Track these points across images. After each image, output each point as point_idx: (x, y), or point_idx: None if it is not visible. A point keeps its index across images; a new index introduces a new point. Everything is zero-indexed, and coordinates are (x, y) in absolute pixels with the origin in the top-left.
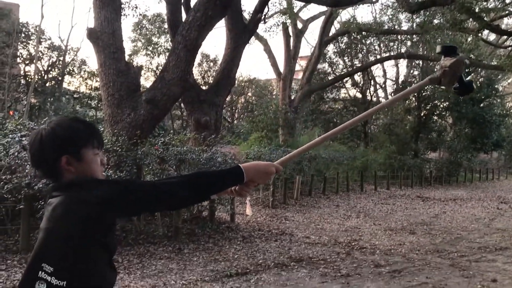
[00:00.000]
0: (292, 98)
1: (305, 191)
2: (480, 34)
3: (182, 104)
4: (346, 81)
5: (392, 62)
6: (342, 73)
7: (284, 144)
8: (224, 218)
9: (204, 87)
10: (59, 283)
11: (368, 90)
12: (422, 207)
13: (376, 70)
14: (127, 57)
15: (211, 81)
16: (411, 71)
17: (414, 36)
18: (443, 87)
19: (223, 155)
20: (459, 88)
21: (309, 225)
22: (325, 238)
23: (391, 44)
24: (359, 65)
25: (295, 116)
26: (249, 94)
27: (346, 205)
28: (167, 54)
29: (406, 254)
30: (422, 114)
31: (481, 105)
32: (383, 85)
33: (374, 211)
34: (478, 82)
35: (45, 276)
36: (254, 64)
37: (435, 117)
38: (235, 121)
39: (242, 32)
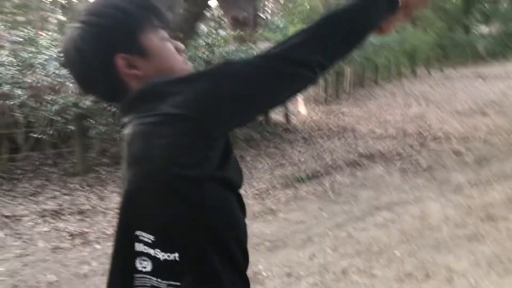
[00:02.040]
0: None
1: (356, 82)
2: None
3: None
4: None
5: None
6: None
7: None
8: (279, 120)
9: None
10: (169, 256)
11: None
12: (484, 86)
13: None
14: None
15: None
16: None
17: None
18: None
19: None
20: None
21: (370, 118)
22: (392, 131)
23: None
24: None
25: (338, 2)
26: None
27: (402, 93)
28: None
29: (487, 139)
30: None
31: None
32: None
33: (434, 96)
34: None
35: (145, 249)
36: None
37: None
38: (269, 17)
39: None
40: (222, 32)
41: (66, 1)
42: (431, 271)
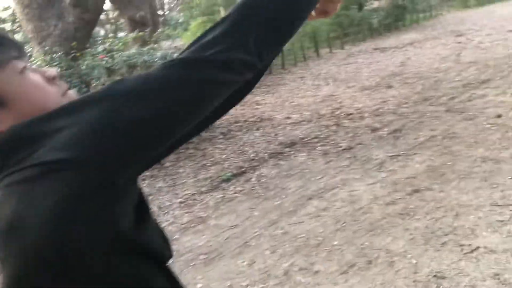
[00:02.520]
0: None
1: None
2: None
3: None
4: None
5: None
6: None
7: None
8: None
9: None
10: None
11: None
12: (384, 58)
13: None
14: None
15: None
16: None
17: None
18: None
19: (177, 50)
20: None
21: (284, 104)
22: (307, 114)
23: None
24: None
25: None
26: None
27: (310, 75)
28: None
29: (396, 110)
30: None
31: None
32: None
33: (340, 74)
34: None
35: None
36: None
37: None
38: (166, 12)
39: None
40: (121, 35)
41: None
42: (372, 257)
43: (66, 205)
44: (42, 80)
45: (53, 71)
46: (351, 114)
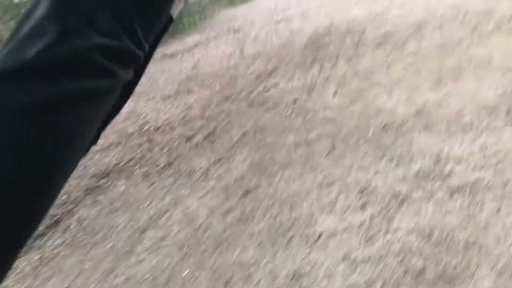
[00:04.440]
0: None
1: None
2: None
3: None
4: None
5: None
6: None
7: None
8: None
9: None
10: None
11: None
12: (175, 65)
13: None
14: None
15: None
16: None
17: None
18: None
19: None
20: None
21: None
22: (114, 137)
23: None
24: None
25: None
26: None
27: None
28: None
29: (203, 114)
30: None
31: None
32: None
33: (139, 86)
34: None
35: None
36: None
37: None
38: None
39: None
40: None
41: None
42: (228, 277)
43: None
44: None
45: None
46: (160, 127)
